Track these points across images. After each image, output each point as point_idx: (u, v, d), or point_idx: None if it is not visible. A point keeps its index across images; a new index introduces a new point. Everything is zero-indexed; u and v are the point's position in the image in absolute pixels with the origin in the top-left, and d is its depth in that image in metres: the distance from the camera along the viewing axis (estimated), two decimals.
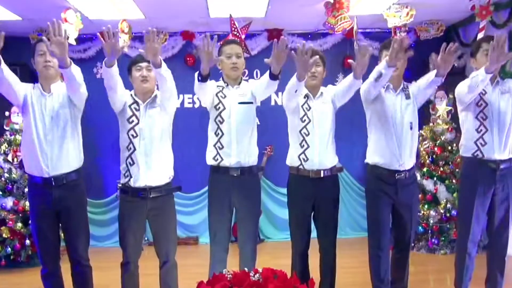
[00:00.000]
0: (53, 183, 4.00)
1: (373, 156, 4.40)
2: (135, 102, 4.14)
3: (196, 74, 4.05)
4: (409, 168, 4.35)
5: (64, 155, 4.04)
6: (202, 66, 3.96)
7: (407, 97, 4.33)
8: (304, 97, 4.35)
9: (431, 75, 4.20)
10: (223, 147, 4.21)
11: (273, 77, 4.03)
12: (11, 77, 3.90)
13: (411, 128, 4.32)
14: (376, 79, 4.06)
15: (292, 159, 4.40)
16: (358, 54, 4.06)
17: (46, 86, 4.06)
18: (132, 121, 4.12)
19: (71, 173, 4.07)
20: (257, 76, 7.49)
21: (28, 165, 4.12)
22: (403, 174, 4.29)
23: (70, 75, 3.87)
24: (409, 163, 4.33)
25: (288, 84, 4.15)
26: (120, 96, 4.06)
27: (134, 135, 4.11)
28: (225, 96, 4.26)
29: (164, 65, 3.91)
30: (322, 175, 4.30)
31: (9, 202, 6.30)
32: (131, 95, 4.18)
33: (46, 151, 3.98)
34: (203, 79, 4.02)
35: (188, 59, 7.62)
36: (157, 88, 4.16)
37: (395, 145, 4.27)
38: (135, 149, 4.10)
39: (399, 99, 4.31)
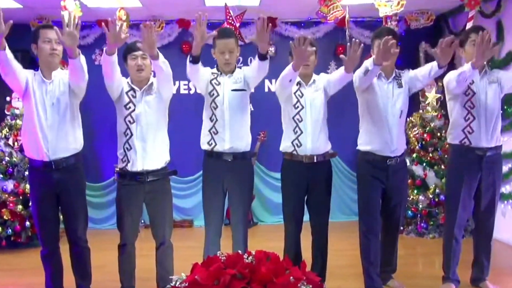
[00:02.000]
0: (53, 167, 3.99)
1: (365, 143, 4.40)
2: (132, 89, 4.14)
3: (188, 58, 4.05)
4: (400, 154, 4.36)
5: (64, 140, 4.02)
6: (194, 46, 3.98)
7: (399, 85, 4.32)
8: (297, 85, 4.33)
9: (433, 66, 4.13)
10: (217, 132, 4.22)
11: (261, 57, 4.03)
12: (15, 63, 3.85)
13: (400, 116, 4.33)
14: (364, 73, 4.08)
15: (285, 145, 4.39)
16: (349, 49, 4.04)
17: (48, 73, 4.02)
18: (129, 107, 4.11)
19: (71, 157, 4.06)
20: (251, 63, 7.47)
21: (28, 149, 4.10)
22: (394, 160, 4.30)
23: (79, 65, 3.87)
24: (400, 149, 4.35)
25: (282, 73, 4.14)
26: (117, 83, 4.06)
27: (131, 121, 4.11)
28: (219, 83, 4.25)
29: (161, 56, 3.91)
30: (315, 160, 4.30)
31: (9, 185, 6.31)
32: (128, 82, 4.17)
33: (47, 135, 3.96)
34: (194, 60, 4.03)
35: (184, 46, 7.61)
36: (154, 75, 4.15)
37: (386, 133, 4.27)
38: (132, 134, 4.10)
39: (390, 87, 4.30)
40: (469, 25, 6.13)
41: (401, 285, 4.64)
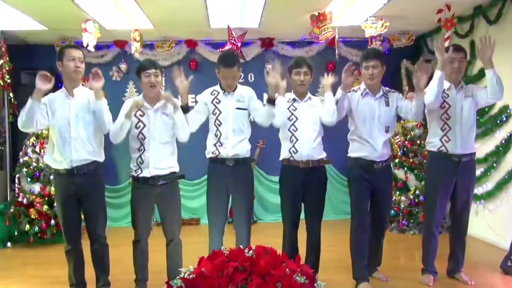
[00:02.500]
0: (76, 172, 4.00)
1: (355, 151, 4.40)
2: (140, 107, 4.12)
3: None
4: (385, 159, 4.37)
5: (86, 151, 4.03)
6: (181, 96, 4.13)
7: (387, 104, 4.32)
8: (291, 101, 4.35)
9: (416, 97, 4.22)
10: (221, 145, 4.22)
11: (270, 101, 4.13)
12: (38, 115, 3.89)
13: (386, 132, 4.34)
14: (336, 103, 4.20)
15: (284, 154, 4.39)
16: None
17: (70, 90, 4.03)
18: (139, 126, 4.12)
19: (91, 164, 4.06)
20: (251, 79, 7.60)
21: (52, 162, 4.09)
22: (380, 164, 4.32)
23: (99, 108, 3.96)
24: (385, 155, 4.36)
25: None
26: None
27: (143, 137, 4.12)
28: (219, 102, 4.24)
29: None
30: (310, 165, 4.29)
31: (36, 187, 6.35)
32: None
33: (70, 147, 3.96)
34: (185, 110, 4.15)
35: (191, 63, 7.65)
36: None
37: (372, 144, 4.28)
38: (145, 149, 4.12)
39: (377, 103, 4.31)
40: (446, 44, 6.17)
41: (385, 277, 4.63)
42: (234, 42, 6.76)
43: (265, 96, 4.35)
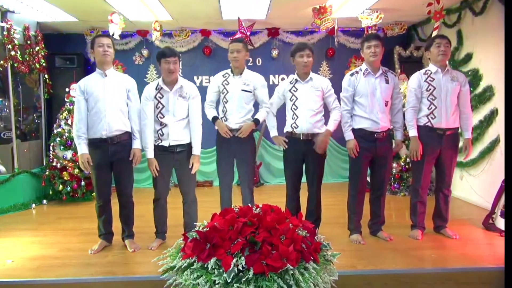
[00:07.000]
0: (110, 142, 4.12)
1: (357, 123, 4.38)
2: (160, 90, 4.22)
3: None
4: (386, 129, 4.38)
5: (118, 122, 4.13)
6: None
7: (387, 82, 4.32)
8: (291, 82, 4.39)
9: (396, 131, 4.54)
10: (227, 119, 4.39)
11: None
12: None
13: (385, 105, 4.35)
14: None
15: (287, 127, 4.46)
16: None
17: (103, 69, 4.14)
18: (159, 106, 4.22)
19: (123, 134, 4.17)
20: (259, 63, 7.71)
21: (89, 132, 4.15)
22: (381, 134, 4.33)
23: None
24: (385, 126, 4.36)
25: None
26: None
27: (162, 116, 4.22)
28: (228, 83, 4.40)
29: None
30: (310, 138, 4.37)
31: (68, 154, 6.50)
32: (158, 84, 4.25)
33: (106, 119, 4.07)
34: None
35: (205, 50, 7.71)
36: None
37: (373, 117, 4.30)
38: (165, 125, 4.21)
39: (377, 81, 4.29)
40: (434, 33, 6.15)
41: (388, 236, 4.52)
42: (244, 32, 6.79)
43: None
